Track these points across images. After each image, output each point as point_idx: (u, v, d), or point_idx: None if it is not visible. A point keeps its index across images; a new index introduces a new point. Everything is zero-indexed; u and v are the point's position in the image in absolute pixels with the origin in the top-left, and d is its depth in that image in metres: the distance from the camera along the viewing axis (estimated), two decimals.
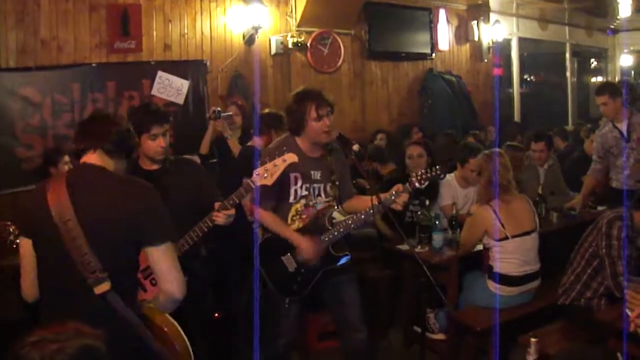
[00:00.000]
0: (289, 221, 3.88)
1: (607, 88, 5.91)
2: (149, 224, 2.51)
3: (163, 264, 2.52)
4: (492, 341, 4.32)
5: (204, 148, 6.12)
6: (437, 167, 3.71)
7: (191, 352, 2.58)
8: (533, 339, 3.62)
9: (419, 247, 4.86)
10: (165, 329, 2.55)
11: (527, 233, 4.56)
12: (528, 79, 12.75)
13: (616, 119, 5.82)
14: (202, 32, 7.44)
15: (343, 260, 3.91)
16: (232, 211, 3.46)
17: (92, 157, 2.59)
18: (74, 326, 1.76)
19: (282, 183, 3.61)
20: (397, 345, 5.30)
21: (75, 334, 1.71)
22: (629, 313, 3.36)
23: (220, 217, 3.45)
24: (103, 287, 2.36)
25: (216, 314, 4.61)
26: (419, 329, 4.97)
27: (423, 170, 3.76)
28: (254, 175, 3.36)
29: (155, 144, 3.55)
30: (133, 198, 2.52)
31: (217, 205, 3.48)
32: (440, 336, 5.03)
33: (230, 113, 5.97)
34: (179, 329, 2.59)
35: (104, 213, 2.44)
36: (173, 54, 7.22)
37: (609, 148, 5.94)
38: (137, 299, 2.64)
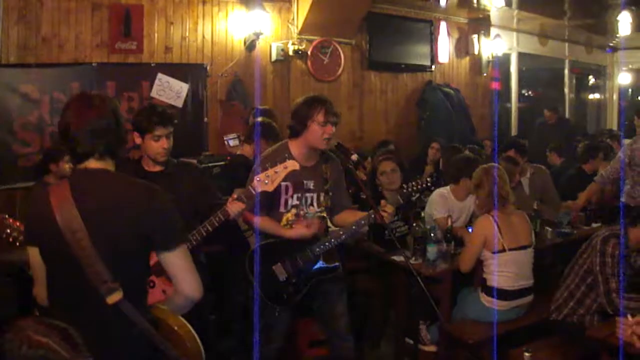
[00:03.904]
0: None
1: None
2: (163, 229, 2.39)
3: (180, 267, 2.44)
4: (484, 354, 4.33)
5: None
6: (433, 177, 3.79)
7: (202, 352, 2.53)
8: (527, 354, 3.63)
9: (413, 258, 4.82)
10: (177, 329, 2.50)
11: (523, 247, 4.56)
12: (526, 94, 12.76)
13: None
14: (203, 36, 7.45)
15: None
16: (244, 205, 3.46)
17: (95, 162, 2.39)
18: (53, 325, 1.75)
19: (273, 192, 3.57)
20: (388, 356, 5.27)
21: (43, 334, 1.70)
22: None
23: (234, 206, 3.43)
24: (115, 297, 2.25)
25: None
26: (410, 341, 4.98)
27: (414, 182, 3.86)
28: (255, 181, 3.35)
29: (158, 145, 3.58)
30: (143, 203, 2.37)
31: (235, 194, 3.46)
32: (432, 348, 5.01)
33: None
34: (190, 328, 2.53)
35: (114, 221, 2.31)
36: (174, 56, 7.23)
37: (636, 162, 5.91)
38: (147, 303, 2.53)
